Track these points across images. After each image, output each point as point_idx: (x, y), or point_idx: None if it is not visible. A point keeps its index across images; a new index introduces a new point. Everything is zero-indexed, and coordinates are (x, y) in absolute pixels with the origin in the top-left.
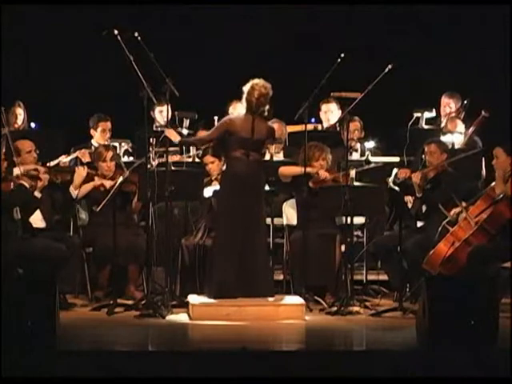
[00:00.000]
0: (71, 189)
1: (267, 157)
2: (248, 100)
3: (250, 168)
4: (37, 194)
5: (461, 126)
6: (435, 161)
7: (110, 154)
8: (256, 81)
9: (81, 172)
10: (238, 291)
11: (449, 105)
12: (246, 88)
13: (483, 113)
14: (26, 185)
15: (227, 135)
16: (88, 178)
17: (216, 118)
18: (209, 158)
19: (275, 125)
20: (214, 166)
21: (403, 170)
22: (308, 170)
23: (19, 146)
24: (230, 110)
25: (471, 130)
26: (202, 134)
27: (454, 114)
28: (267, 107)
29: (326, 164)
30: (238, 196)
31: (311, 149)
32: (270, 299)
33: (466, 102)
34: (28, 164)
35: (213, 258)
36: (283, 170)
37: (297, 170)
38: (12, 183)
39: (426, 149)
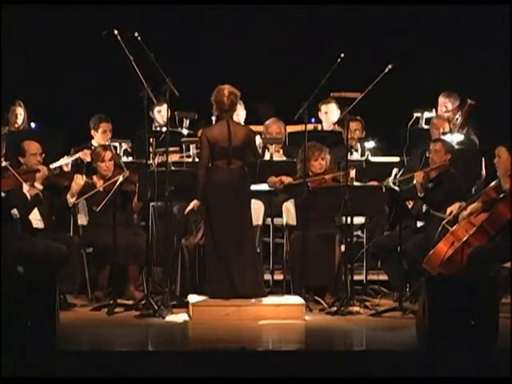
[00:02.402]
0: (68, 196)
1: (267, 156)
2: (219, 101)
3: (231, 176)
4: (37, 185)
5: (447, 126)
6: (438, 159)
7: (108, 154)
8: (221, 85)
9: (78, 181)
10: (230, 293)
11: (445, 104)
12: (213, 93)
13: (469, 101)
14: (24, 185)
15: (209, 145)
16: (85, 187)
17: (214, 118)
18: None
19: (274, 124)
20: None
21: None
22: (273, 179)
23: (25, 147)
24: None
25: (460, 120)
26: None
27: (449, 114)
28: (237, 110)
29: (325, 163)
30: (221, 204)
31: (310, 148)
32: (265, 299)
33: (463, 102)
34: (30, 166)
35: (207, 261)
36: (270, 180)
37: (277, 179)
38: (10, 180)
39: (431, 146)
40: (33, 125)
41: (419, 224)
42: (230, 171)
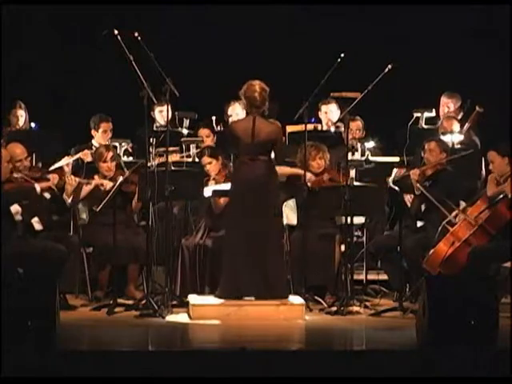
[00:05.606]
0: (64, 196)
1: None
2: (250, 97)
3: (256, 170)
4: (45, 194)
5: (456, 126)
6: (433, 159)
7: (110, 154)
8: (251, 81)
9: (71, 182)
10: (250, 292)
11: (447, 104)
12: (243, 88)
13: (477, 108)
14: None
15: (234, 140)
16: (81, 185)
17: (214, 117)
18: (206, 159)
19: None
20: (212, 166)
21: (400, 169)
22: (298, 171)
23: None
24: (230, 111)
25: (467, 126)
26: (204, 132)
27: (451, 114)
28: (267, 105)
29: (324, 163)
30: (246, 199)
31: (307, 148)
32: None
33: (466, 103)
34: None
35: (224, 260)
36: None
37: (287, 170)
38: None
39: (426, 146)
40: (33, 125)
41: (419, 224)
42: (255, 165)
